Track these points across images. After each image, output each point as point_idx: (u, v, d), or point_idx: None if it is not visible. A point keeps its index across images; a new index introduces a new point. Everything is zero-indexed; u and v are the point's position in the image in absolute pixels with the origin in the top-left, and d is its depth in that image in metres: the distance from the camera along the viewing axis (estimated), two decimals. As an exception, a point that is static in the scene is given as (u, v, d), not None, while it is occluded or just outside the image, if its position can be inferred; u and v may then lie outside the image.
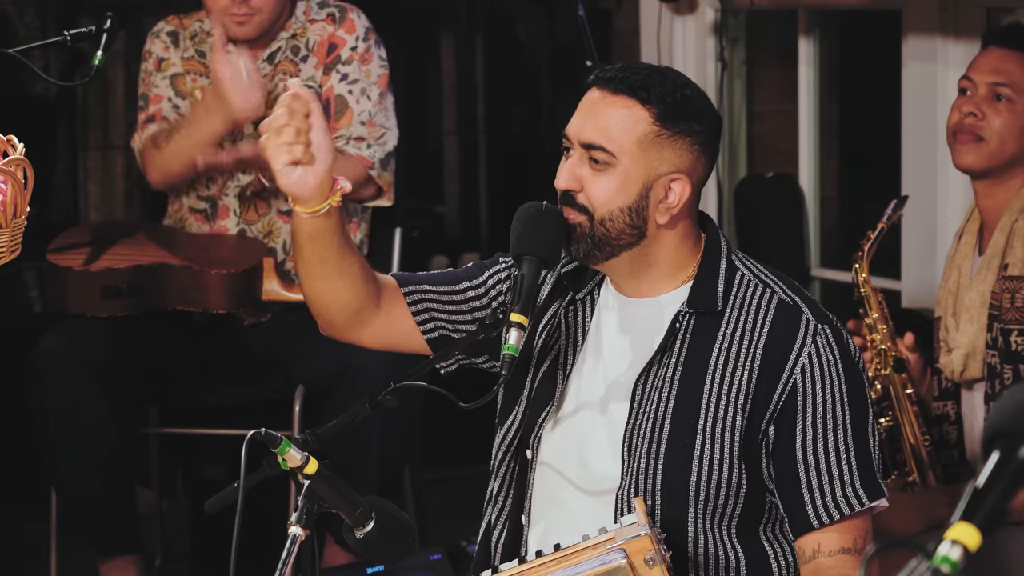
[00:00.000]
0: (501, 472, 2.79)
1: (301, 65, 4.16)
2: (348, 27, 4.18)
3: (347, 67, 4.14)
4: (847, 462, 2.62)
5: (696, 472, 2.62)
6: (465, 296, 2.87)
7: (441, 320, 2.87)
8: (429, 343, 2.88)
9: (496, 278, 2.87)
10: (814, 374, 2.61)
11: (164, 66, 4.25)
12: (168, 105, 4.22)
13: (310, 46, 4.16)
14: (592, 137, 2.63)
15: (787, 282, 2.71)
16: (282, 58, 4.18)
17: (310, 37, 4.18)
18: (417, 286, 2.87)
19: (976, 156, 3.42)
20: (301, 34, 4.19)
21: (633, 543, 2.40)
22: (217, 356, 4.17)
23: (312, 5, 4.22)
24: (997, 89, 3.39)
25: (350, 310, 2.83)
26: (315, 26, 4.18)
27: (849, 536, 2.62)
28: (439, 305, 2.87)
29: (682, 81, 2.67)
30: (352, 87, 4.13)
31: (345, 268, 2.77)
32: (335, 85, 4.13)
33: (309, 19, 4.20)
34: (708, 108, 2.68)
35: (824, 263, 5.32)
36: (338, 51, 4.16)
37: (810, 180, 5.26)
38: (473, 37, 6.19)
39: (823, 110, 5.25)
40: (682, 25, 5.31)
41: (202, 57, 4.23)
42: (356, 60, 4.15)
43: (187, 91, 4.23)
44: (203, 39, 4.23)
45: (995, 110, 3.40)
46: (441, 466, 4.86)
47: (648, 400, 2.65)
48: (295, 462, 2.41)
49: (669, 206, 2.65)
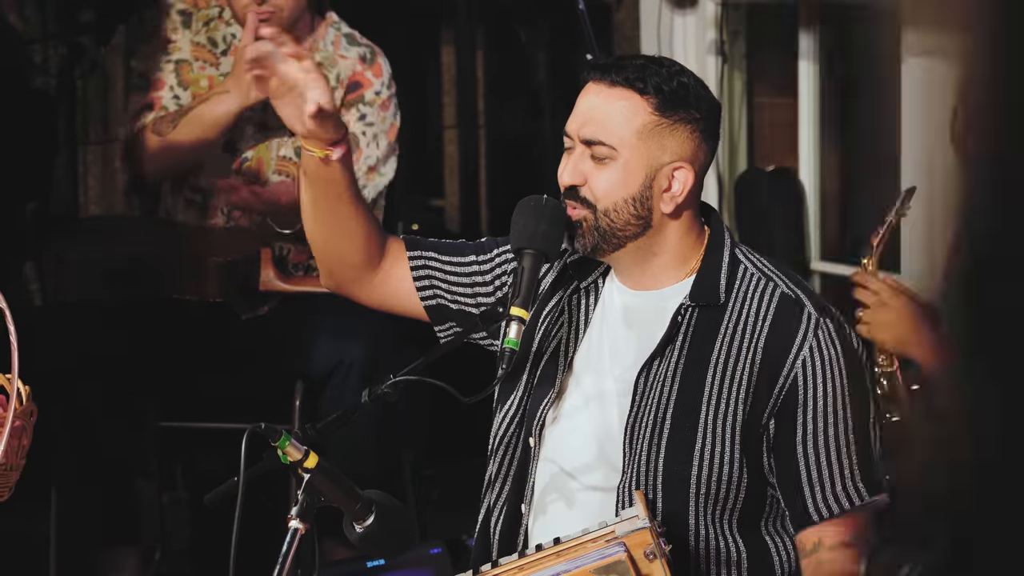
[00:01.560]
0: (499, 455, 2.79)
1: None
2: (376, 71, 4.16)
3: (368, 109, 4.12)
4: (848, 456, 2.62)
5: (697, 466, 2.61)
6: (469, 269, 2.87)
7: (441, 289, 2.87)
8: (426, 310, 2.88)
9: (504, 257, 2.87)
10: (815, 368, 2.61)
11: (170, 49, 4.21)
12: (169, 95, 4.18)
13: (340, 79, 4.13)
14: (592, 132, 2.63)
15: (790, 276, 2.70)
16: None
17: (340, 71, 4.14)
18: (423, 251, 2.87)
19: None
20: (330, 64, 4.14)
21: (633, 537, 2.40)
22: (216, 349, 4.17)
23: (341, 38, 4.18)
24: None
25: (349, 263, 2.85)
26: (344, 62, 4.15)
27: (849, 530, 2.62)
28: (441, 274, 2.87)
29: (677, 69, 2.67)
30: (367, 129, 4.11)
31: (348, 220, 2.80)
32: (352, 121, 4.10)
33: (339, 53, 4.16)
34: (706, 95, 2.68)
35: (824, 257, 5.32)
36: (362, 91, 4.13)
37: (810, 174, 5.26)
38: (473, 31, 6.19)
39: (823, 103, 5.24)
40: (682, 19, 5.30)
41: (213, 46, 4.20)
42: (377, 105, 4.13)
43: (190, 80, 4.19)
44: (217, 26, 4.19)
45: None
46: (441, 459, 4.85)
47: (650, 394, 2.65)
48: (295, 456, 2.41)
49: (673, 195, 2.65)
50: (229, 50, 4.17)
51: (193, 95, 4.17)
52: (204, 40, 4.20)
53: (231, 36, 4.18)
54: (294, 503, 2.43)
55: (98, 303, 4.05)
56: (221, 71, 4.16)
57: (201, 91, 4.17)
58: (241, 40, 4.06)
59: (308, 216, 2.83)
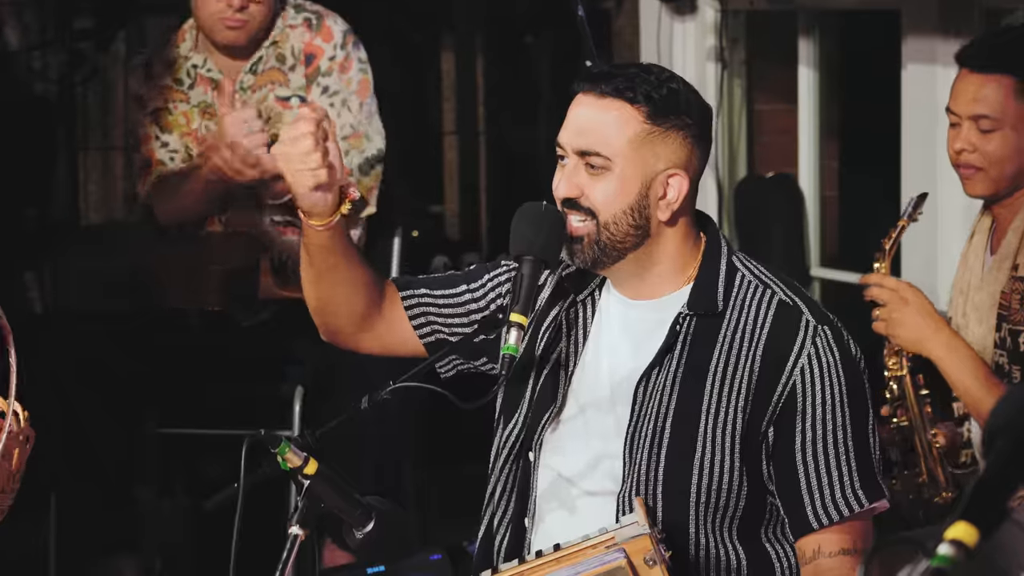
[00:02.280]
0: (503, 475, 2.78)
1: (290, 75, 4.12)
2: (325, 35, 4.14)
3: (327, 79, 4.11)
4: (847, 463, 2.61)
5: (697, 474, 2.61)
6: (463, 299, 2.88)
7: (438, 324, 2.88)
8: (426, 347, 2.89)
9: (496, 281, 2.88)
10: (814, 375, 2.61)
11: (144, 102, 4.22)
12: (157, 144, 4.18)
13: (296, 54, 4.13)
14: (585, 144, 2.63)
15: (787, 283, 2.70)
16: (266, 67, 4.13)
17: (293, 44, 4.13)
18: (415, 291, 2.89)
19: (982, 185, 3.41)
20: (283, 41, 4.14)
21: (633, 543, 2.40)
22: (215, 356, 4.17)
23: (288, 9, 4.18)
24: (979, 123, 3.36)
25: (356, 316, 2.87)
26: (295, 32, 4.14)
27: (849, 537, 2.62)
28: (435, 309, 2.88)
29: (667, 76, 2.67)
30: (333, 99, 4.10)
31: (354, 275, 2.82)
32: (316, 99, 4.09)
33: (288, 24, 4.16)
34: (697, 100, 2.68)
35: (824, 263, 5.32)
36: (317, 62, 4.12)
37: (810, 180, 5.26)
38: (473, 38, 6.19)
39: (823, 110, 5.25)
40: (682, 25, 5.31)
41: (180, 85, 4.19)
42: (336, 70, 4.11)
43: (171, 124, 4.18)
44: (181, 63, 4.19)
45: (984, 140, 3.37)
46: (441, 466, 4.85)
47: (649, 403, 2.65)
48: (295, 462, 2.41)
49: (669, 202, 2.65)
50: (195, 81, 4.18)
51: (179, 136, 4.16)
52: (170, 83, 4.20)
53: (192, 68, 4.19)
54: (294, 509, 2.43)
55: (98, 311, 4.05)
56: (192, 102, 4.17)
57: (183, 129, 4.16)
58: (219, 108, 4.05)
59: (319, 284, 2.84)
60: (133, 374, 4.06)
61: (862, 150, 5.38)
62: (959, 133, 3.40)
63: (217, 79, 4.14)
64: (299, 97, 4.09)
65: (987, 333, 3.36)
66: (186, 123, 4.17)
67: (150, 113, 4.20)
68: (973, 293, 3.43)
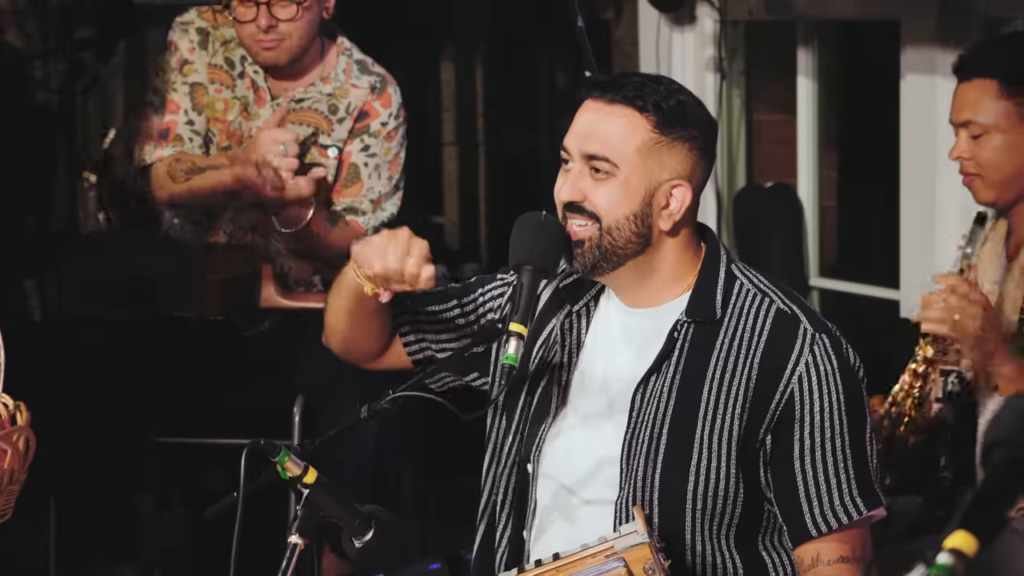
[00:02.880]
0: (501, 487, 2.79)
1: (336, 126, 4.12)
2: (385, 101, 4.13)
3: (372, 140, 4.10)
4: (845, 471, 2.62)
5: (693, 481, 2.62)
6: (451, 315, 2.90)
7: (427, 341, 2.92)
8: (415, 364, 2.95)
9: (489, 295, 2.89)
10: (811, 383, 2.61)
11: (186, 70, 4.19)
12: (183, 119, 4.15)
13: (350, 110, 4.12)
14: (593, 148, 2.64)
15: (786, 292, 2.71)
16: (314, 107, 4.12)
17: (351, 101, 4.12)
18: (407, 308, 2.93)
19: (985, 191, 3.42)
20: (341, 95, 4.12)
21: (632, 552, 2.40)
22: (216, 365, 4.17)
23: (352, 66, 4.16)
24: (969, 129, 3.38)
25: (366, 355, 2.99)
26: (356, 92, 4.13)
27: (847, 545, 2.63)
28: (426, 326, 2.91)
29: (676, 87, 2.68)
30: (369, 160, 4.10)
31: (373, 330, 2.91)
32: (354, 152, 4.09)
33: (350, 82, 4.15)
34: (704, 113, 2.69)
35: (823, 273, 5.33)
36: (368, 121, 4.11)
37: (809, 190, 5.27)
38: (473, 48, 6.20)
39: (822, 120, 5.25)
40: (681, 36, 5.32)
41: (231, 67, 4.17)
42: (382, 136, 4.12)
43: (204, 104, 4.16)
44: (235, 47, 4.17)
45: (976, 146, 3.39)
46: (440, 474, 4.85)
47: (646, 410, 2.65)
48: (294, 471, 2.41)
49: (671, 212, 2.66)
50: (244, 72, 4.16)
51: (208, 119, 4.15)
52: (221, 61, 4.17)
53: (243, 59, 4.17)
54: (294, 518, 2.43)
55: (98, 319, 4.05)
56: (236, 94, 4.15)
57: (216, 114, 4.14)
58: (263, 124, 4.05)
59: (336, 317, 2.92)
60: (134, 383, 4.06)
61: (861, 160, 5.39)
62: (956, 142, 3.43)
63: (260, 84, 4.13)
64: (338, 148, 4.10)
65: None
66: (223, 110, 4.15)
67: (190, 84, 4.17)
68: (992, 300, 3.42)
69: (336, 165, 4.09)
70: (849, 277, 5.24)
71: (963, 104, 3.39)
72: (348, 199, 4.09)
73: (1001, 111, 3.36)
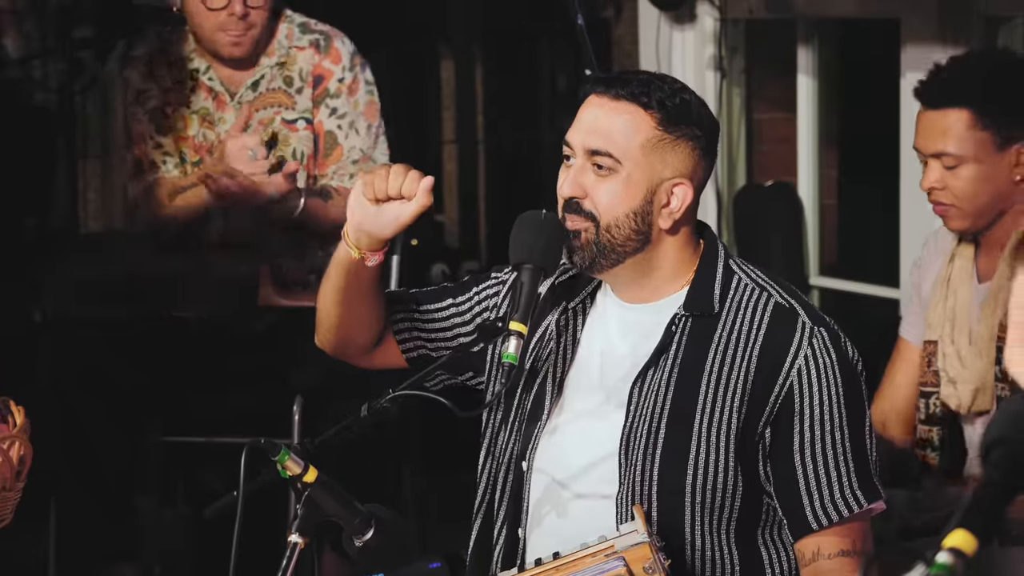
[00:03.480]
0: (497, 485, 2.79)
1: (297, 97, 4.11)
2: (334, 56, 4.12)
3: (335, 100, 4.09)
4: (845, 464, 2.62)
5: (692, 474, 2.62)
6: (447, 313, 2.90)
7: (421, 340, 2.91)
8: (409, 362, 2.93)
9: (484, 294, 2.89)
10: (810, 376, 2.62)
11: (143, 99, 4.21)
12: (151, 145, 4.17)
13: (303, 76, 4.11)
14: (597, 143, 2.64)
15: (784, 286, 2.71)
16: (271, 87, 4.11)
17: (301, 66, 4.11)
18: (402, 306, 2.91)
19: (959, 220, 3.35)
20: (290, 63, 4.11)
21: (632, 551, 2.40)
22: (215, 365, 4.17)
23: (294, 29, 4.15)
24: (942, 160, 3.30)
25: (356, 345, 2.93)
26: (302, 54, 4.11)
27: (848, 538, 2.63)
28: (421, 324, 2.91)
29: (679, 86, 2.69)
30: (341, 122, 4.09)
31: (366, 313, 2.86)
32: (324, 120, 4.09)
33: (293, 45, 4.13)
34: (706, 112, 2.70)
35: (823, 272, 5.32)
36: (325, 83, 4.10)
37: (809, 189, 5.27)
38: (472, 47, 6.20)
39: (822, 119, 5.25)
40: (681, 34, 5.32)
41: (181, 87, 4.18)
42: (344, 92, 4.09)
43: (167, 127, 4.17)
44: (182, 64, 4.18)
45: (951, 176, 3.30)
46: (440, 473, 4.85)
47: (644, 403, 2.65)
48: (294, 470, 2.41)
49: (672, 211, 2.66)
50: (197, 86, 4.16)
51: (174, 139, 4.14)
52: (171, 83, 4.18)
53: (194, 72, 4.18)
54: (294, 517, 2.43)
55: (98, 319, 4.05)
56: (193, 108, 4.15)
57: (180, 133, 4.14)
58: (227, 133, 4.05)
59: (328, 300, 2.87)
60: (133, 383, 4.06)
61: (861, 159, 5.39)
62: (927, 172, 3.34)
63: (218, 90, 4.14)
64: (305, 119, 4.09)
65: (988, 367, 3.32)
66: (184, 127, 4.17)
67: (148, 111, 4.18)
68: (961, 321, 3.39)
69: (311, 136, 4.08)
70: (849, 276, 5.24)
71: (933, 134, 3.31)
72: (332, 167, 4.08)
73: (977, 141, 3.28)
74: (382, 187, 2.70)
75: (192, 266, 4.09)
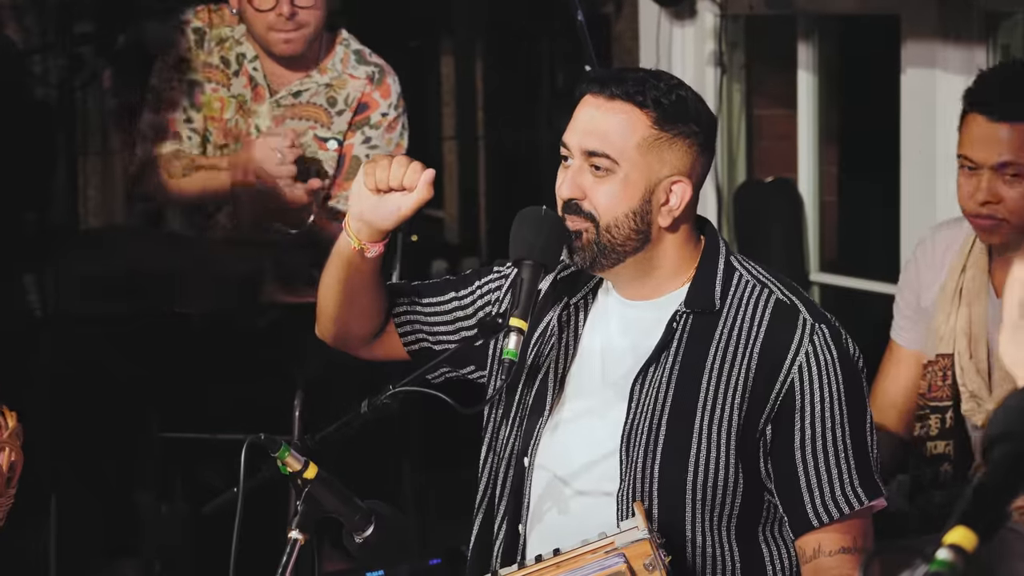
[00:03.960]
0: (498, 481, 2.79)
1: (335, 118, 4.12)
2: (384, 91, 4.13)
3: (373, 131, 4.11)
4: (846, 461, 2.62)
5: (692, 471, 2.62)
6: (448, 307, 2.89)
7: (424, 333, 2.90)
8: (411, 355, 2.92)
9: (486, 288, 2.89)
10: (811, 373, 2.62)
11: (183, 68, 4.20)
12: (181, 117, 4.16)
13: (348, 101, 4.11)
14: (593, 144, 2.64)
15: (785, 283, 2.71)
16: (311, 100, 4.12)
17: (350, 92, 4.12)
18: (404, 298, 2.90)
19: (1002, 235, 3.30)
20: (339, 86, 4.12)
21: (633, 548, 2.40)
22: (216, 360, 4.17)
23: (350, 56, 4.16)
24: (1002, 171, 3.24)
25: (356, 337, 2.92)
26: (354, 83, 4.13)
27: (849, 536, 2.63)
28: (423, 317, 2.90)
29: (675, 83, 2.68)
30: (371, 152, 4.10)
31: (367, 305, 2.86)
32: (355, 144, 4.10)
33: (348, 72, 4.14)
34: (703, 109, 2.69)
35: (823, 268, 5.32)
36: (368, 112, 4.11)
37: (809, 185, 5.26)
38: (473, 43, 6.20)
39: (822, 115, 5.25)
40: (681, 30, 5.31)
41: (226, 66, 4.17)
42: (383, 127, 4.12)
43: (202, 102, 4.16)
44: (231, 46, 4.16)
45: (1008, 189, 3.25)
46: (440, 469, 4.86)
47: (646, 400, 2.65)
48: (294, 467, 2.41)
49: (671, 208, 2.66)
50: (240, 70, 4.16)
51: (205, 117, 4.15)
52: (217, 60, 4.17)
53: (240, 56, 4.17)
54: (294, 514, 2.43)
55: (98, 315, 4.05)
56: (232, 92, 4.14)
57: (213, 113, 4.15)
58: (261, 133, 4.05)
59: (328, 290, 2.86)
60: (133, 378, 4.06)
61: (861, 155, 5.39)
62: (979, 183, 3.28)
63: (259, 82, 4.13)
64: (337, 140, 4.10)
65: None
66: (220, 108, 4.15)
67: (187, 81, 4.17)
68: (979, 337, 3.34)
69: (336, 158, 4.10)
70: (849, 272, 5.23)
71: (1000, 146, 3.24)
72: (347, 191, 4.09)
73: None
74: (383, 177, 2.70)
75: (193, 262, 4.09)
